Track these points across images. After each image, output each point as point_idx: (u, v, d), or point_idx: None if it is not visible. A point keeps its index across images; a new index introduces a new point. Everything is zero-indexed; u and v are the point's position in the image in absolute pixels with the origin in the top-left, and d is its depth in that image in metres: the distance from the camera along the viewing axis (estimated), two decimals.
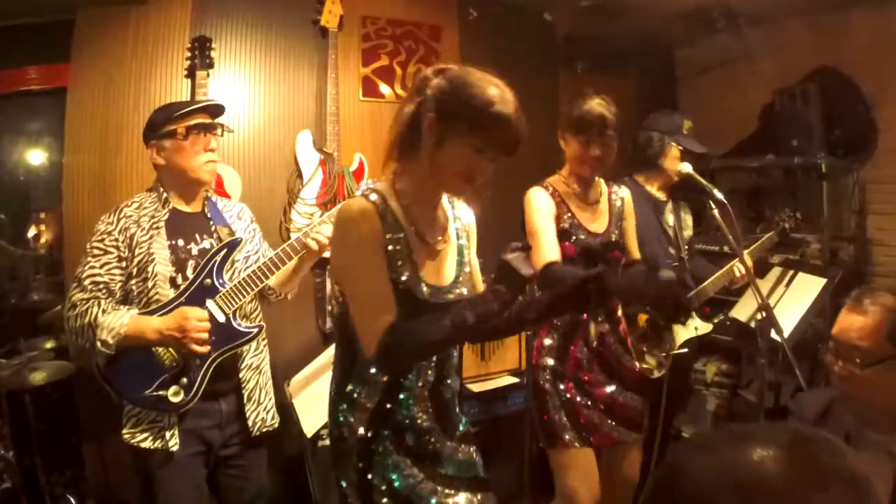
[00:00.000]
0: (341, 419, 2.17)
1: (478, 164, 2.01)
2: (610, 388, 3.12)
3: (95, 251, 2.71)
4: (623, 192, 3.34)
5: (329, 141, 4.27)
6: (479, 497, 2.22)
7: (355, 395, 2.16)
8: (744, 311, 3.88)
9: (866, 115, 4.74)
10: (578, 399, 3.06)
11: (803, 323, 3.68)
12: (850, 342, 2.29)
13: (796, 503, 0.83)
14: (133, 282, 2.72)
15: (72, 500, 3.85)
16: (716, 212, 3.19)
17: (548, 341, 3.12)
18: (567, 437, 3.01)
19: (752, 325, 3.63)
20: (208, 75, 4.00)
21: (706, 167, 4.56)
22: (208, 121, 2.90)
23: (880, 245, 4.82)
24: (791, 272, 3.96)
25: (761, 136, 5.14)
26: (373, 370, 2.13)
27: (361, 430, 2.13)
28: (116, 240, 2.71)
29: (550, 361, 3.09)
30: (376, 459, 2.12)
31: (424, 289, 2.08)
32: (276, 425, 3.03)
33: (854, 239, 4.83)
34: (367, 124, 4.67)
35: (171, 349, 2.70)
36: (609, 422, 3.08)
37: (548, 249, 2.97)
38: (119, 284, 2.71)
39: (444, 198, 2.28)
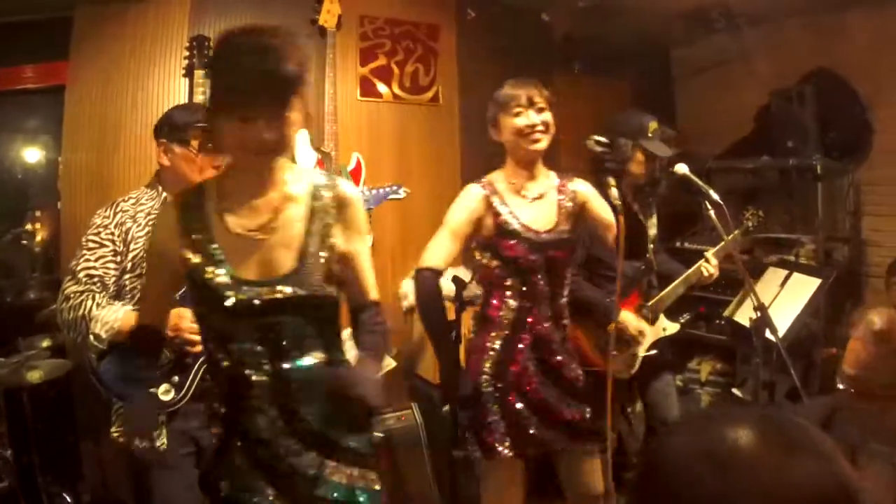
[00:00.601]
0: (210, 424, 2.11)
1: (241, 130, 1.84)
2: (553, 398, 2.93)
3: (91, 244, 2.68)
4: (578, 185, 3.07)
5: (327, 140, 4.28)
6: (365, 475, 2.09)
7: (214, 400, 2.09)
8: (738, 310, 3.90)
9: (861, 117, 4.76)
10: (519, 408, 2.87)
11: (798, 323, 3.70)
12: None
13: (766, 471, 0.89)
14: (127, 277, 2.70)
15: (68, 498, 3.85)
16: (712, 212, 3.19)
17: (490, 345, 2.92)
18: (505, 449, 2.83)
19: (748, 324, 3.65)
20: (205, 74, 4.00)
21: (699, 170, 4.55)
22: None
23: (875, 246, 4.85)
24: (786, 272, 3.99)
25: (757, 137, 5.16)
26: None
27: (215, 440, 2.06)
28: (112, 234, 2.69)
29: (491, 369, 2.89)
30: (227, 473, 2.02)
31: (222, 282, 1.92)
32: None
33: (849, 240, 4.86)
34: (365, 124, 4.69)
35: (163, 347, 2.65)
36: (551, 431, 2.91)
37: (432, 251, 2.89)
38: (113, 279, 2.68)
39: (308, 176, 2.09)
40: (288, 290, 1.94)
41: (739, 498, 0.88)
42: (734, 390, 4.45)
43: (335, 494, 2.01)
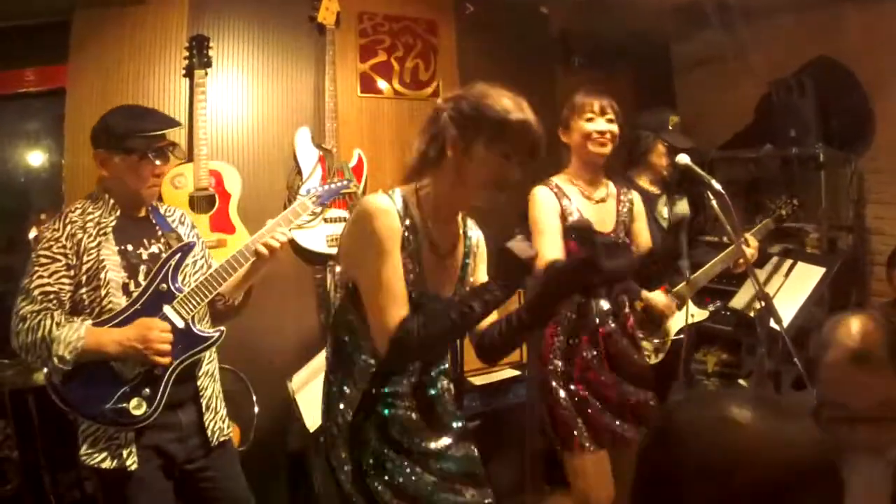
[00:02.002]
0: (332, 407, 2.21)
1: (505, 170, 2.06)
2: (621, 388, 3.10)
3: (42, 260, 2.53)
4: (633, 196, 3.34)
5: (328, 137, 4.28)
6: (478, 493, 2.27)
7: (345, 385, 2.21)
8: (743, 300, 3.89)
9: (863, 106, 4.74)
10: (590, 401, 3.04)
11: (802, 312, 3.69)
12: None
13: (763, 434, 1.05)
14: (83, 290, 2.56)
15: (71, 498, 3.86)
16: (714, 202, 3.19)
17: (555, 342, 3.10)
18: (581, 440, 2.99)
19: (752, 314, 3.65)
20: (206, 74, 4.01)
21: (702, 160, 4.57)
22: (164, 142, 2.75)
23: (878, 234, 4.84)
24: (790, 262, 3.98)
25: (758, 127, 5.14)
26: (363, 360, 2.19)
27: (350, 417, 2.17)
28: (64, 246, 2.55)
29: (559, 363, 3.08)
30: (367, 446, 2.17)
31: (424, 296, 2.15)
32: (230, 435, 2.92)
33: (852, 228, 4.84)
34: (366, 120, 4.68)
35: (130, 361, 2.56)
36: (621, 422, 3.06)
37: (551, 248, 2.97)
38: (69, 294, 2.55)
39: (458, 217, 2.34)
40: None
41: (741, 459, 1.02)
42: (741, 381, 4.45)
43: (448, 464, 2.26)
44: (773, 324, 3.14)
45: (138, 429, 2.58)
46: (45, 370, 2.56)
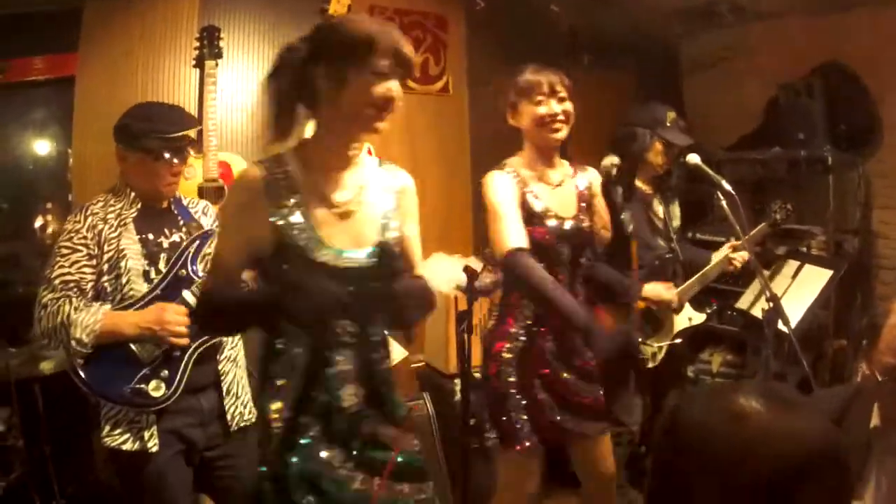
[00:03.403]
0: (263, 406, 2.11)
1: (384, 88, 1.97)
2: (571, 382, 2.94)
3: (64, 250, 2.61)
4: (590, 174, 3.11)
5: None
6: (420, 487, 2.18)
7: (277, 380, 2.09)
8: (749, 301, 3.90)
9: (870, 110, 4.75)
10: (540, 397, 2.89)
11: (808, 314, 3.71)
12: None
13: (773, 425, 1.08)
14: (105, 279, 2.64)
15: (78, 489, 3.87)
16: (724, 202, 3.19)
17: (512, 332, 2.93)
18: (525, 439, 2.84)
19: (760, 315, 3.65)
20: (217, 65, 4.01)
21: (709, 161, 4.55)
22: (182, 141, 2.76)
23: (884, 238, 4.84)
24: (796, 264, 3.99)
25: (766, 129, 5.14)
26: (295, 351, 2.06)
27: (287, 417, 2.06)
28: (85, 237, 2.62)
29: (511, 357, 2.91)
30: (298, 447, 2.04)
31: (324, 252, 2.02)
32: (253, 420, 2.90)
33: (858, 232, 4.84)
34: None
35: (148, 343, 2.61)
36: (570, 417, 2.92)
37: (512, 234, 2.76)
38: (90, 283, 2.62)
39: (370, 163, 2.22)
40: (373, 261, 2.09)
41: (751, 448, 1.06)
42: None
43: (401, 458, 2.13)
44: (780, 325, 3.13)
45: (159, 412, 2.64)
46: (66, 354, 2.60)
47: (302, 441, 2.04)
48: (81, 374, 2.58)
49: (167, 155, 2.69)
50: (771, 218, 3.86)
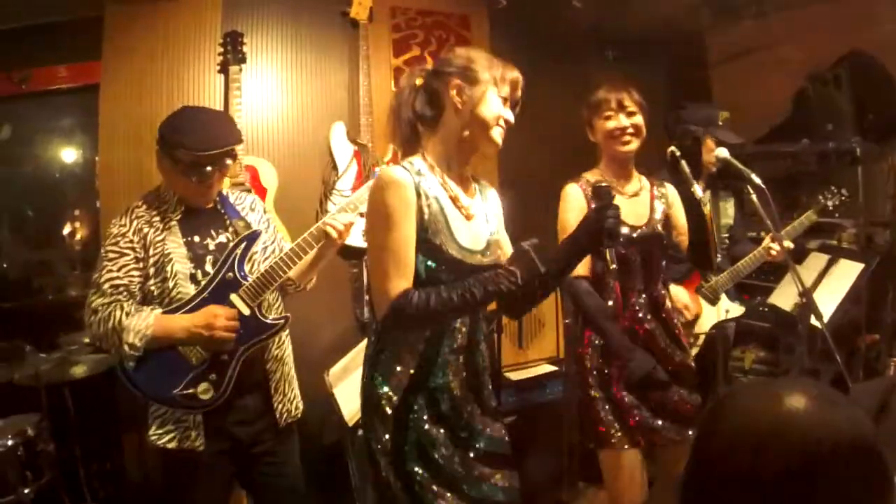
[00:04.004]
0: (377, 387, 2.24)
1: (507, 112, 2.29)
2: (663, 386, 3.03)
3: (111, 254, 2.64)
4: (666, 189, 3.28)
5: (363, 132, 4.27)
6: (509, 475, 2.35)
7: (390, 363, 2.25)
8: (782, 297, 3.85)
9: None
10: (627, 400, 2.99)
11: (840, 309, 3.66)
12: None
13: (815, 420, 1.09)
14: (152, 282, 2.67)
15: (108, 493, 3.89)
16: (754, 196, 3.16)
17: (593, 339, 3.05)
18: (616, 439, 2.96)
19: (793, 311, 3.61)
20: (241, 70, 4.01)
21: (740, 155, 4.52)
22: (218, 157, 2.72)
23: None
24: (828, 257, 3.94)
25: (795, 121, 5.08)
26: (411, 337, 2.25)
27: (396, 398, 2.22)
28: (131, 241, 2.65)
29: (597, 361, 3.03)
30: (411, 428, 2.21)
31: (457, 250, 2.22)
32: (300, 414, 2.99)
33: (889, 224, 4.77)
34: None
35: (197, 347, 2.66)
36: (659, 422, 3.00)
37: None
38: (138, 286, 2.65)
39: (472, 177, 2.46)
40: (490, 257, 2.35)
41: (794, 442, 1.06)
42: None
43: (482, 443, 2.33)
44: (813, 320, 3.09)
45: (206, 412, 2.68)
46: (121, 361, 2.64)
47: (414, 418, 2.22)
48: (131, 375, 2.63)
49: (198, 169, 2.68)
50: (821, 205, 3.84)
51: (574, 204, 3.06)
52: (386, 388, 2.23)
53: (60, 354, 3.65)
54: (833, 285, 3.76)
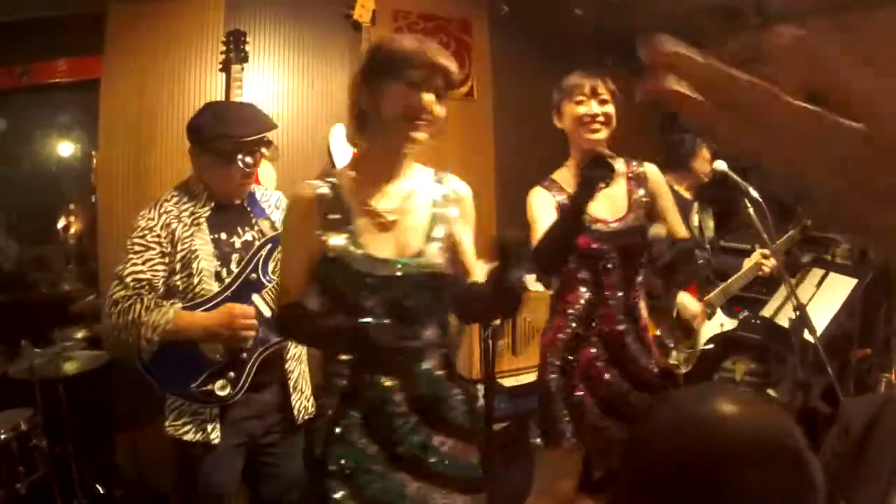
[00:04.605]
0: (316, 399, 2.28)
1: (415, 99, 2.03)
2: (622, 389, 2.94)
3: (137, 247, 2.64)
4: (645, 168, 3.08)
5: None
6: (467, 500, 2.17)
7: (331, 376, 2.17)
8: (775, 310, 3.87)
9: None
10: (585, 401, 2.90)
11: (833, 323, 3.67)
12: None
13: (737, 426, 1.08)
14: (177, 277, 2.67)
15: (100, 489, 3.88)
16: (751, 210, 3.18)
17: (561, 336, 2.95)
18: (568, 441, 2.87)
19: (785, 324, 3.62)
20: (243, 69, 4.02)
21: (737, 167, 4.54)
22: (256, 145, 2.77)
23: None
24: (821, 272, 3.96)
25: None
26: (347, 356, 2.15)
27: (330, 412, 2.13)
28: (158, 235, 2.65)
29: (559, 360, 2.94)
30: (340, 445, 2.10)
31: (364, 262, 2.08)
32: (314, 411, 2.95)
33: None
34: None
35: (216, 344, 2.67)
36: (616, 424, 2.91)
37: None
38: (162, 280, 2.66)
39: (427, 174, 2.30)
40: (417, 268, 2.14)
41: (718, 450, 1.05)
42: (770, 391, 4.43)
43: (442, 465, 2.14)
44: (806, 334, 3.11)
45: (223, 406, 2.70)
46: (139, 351, 2.66)
47: (344, 434, 2.10)
48: (149, 367, 2.65)
49: (239, 158, 2.69)
50: (801, 223, 3.83)
51: (540, 202, 2.92)
52: (322, 400, 2.20)
53: (54, 350, 3.65)
54: (826, 299, 3.78)
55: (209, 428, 2.68)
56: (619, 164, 3.02)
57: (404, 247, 2.15)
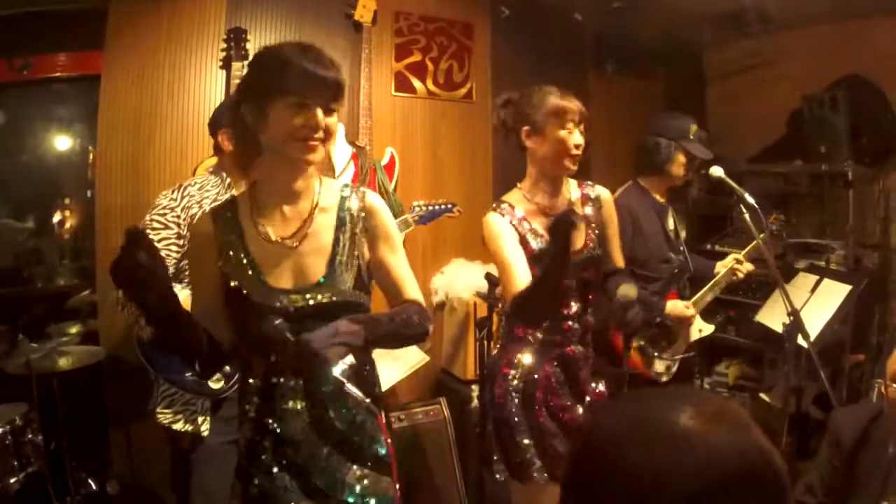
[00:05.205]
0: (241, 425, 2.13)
1: (303, 118, 1.89)
2: (578, 414, 2.81)
3: (156, 225, 2.68)
4: (599, 192, 2.95)
5: (361, 135, 4.27)
6: None
7: (244, 403, 2.09)
8: (769, 315, 3.88)
9: (893, 123, 4.72)
10: (548, 427, 2.74)
11: (827, 329, 3.69)
12: None
13: (691, 441, 0.93)
14: (188, 261, 2.69)
15: (92, 484, 3.88)
16: (746, 215, 3.19)
17: (519, 359, 2.80)
18: (537, 471, 2.68)
19: (777, 329, 3.63)
20: (244, 66, 4.02)
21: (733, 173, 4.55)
22: None
23: None
24: (816, 278, 3.98)
25: (789, 141, 5.12)
26: (250, 381, 2.06)
27: (247, 440, 2.07)
28: (178, 216, 2.69)
29: (519, 383, 2.78)
30: (241, 463, 2.08)
31: (256, 290, 1.97)
32: None
33: (878, 246, 4.82)
34: (399, 119, 4.70)
35: None
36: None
37: (521, 279, 2.59)
38: (174, 261, 2.69)
39: (329, 188, 2.13)
40: (319, 297, 1.99)
41: (668, 470, 0.91)
42: (762, 395, 4.44)
43: (352, 498, 2.01)
44: (800, 339, 3.12)
45: (216, 402, 2.74)
46: (141, 335, 2.72)
47: (259, 464, 2.02)
48: (147, 350, 2.69)
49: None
50: (768, 229, 3.81)
51: (502, 230, 2.73)
52: (238, 430, 2.11)
53: (49, 345, 3.64)
54: (820, 305, 3.79)
55: (200, 420, 2.71)
56: (572, 187, 2.94)
57: (306, 274, 2.02)
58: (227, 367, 2.69)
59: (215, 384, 2.67)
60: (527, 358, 2.79)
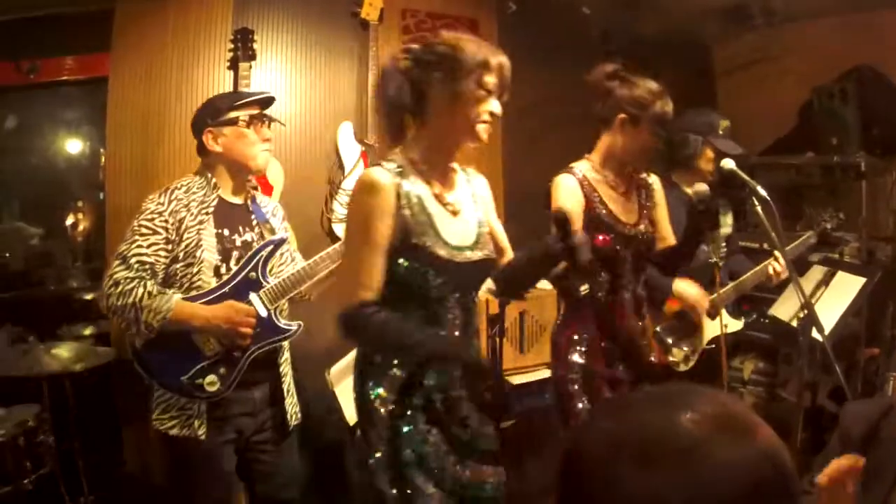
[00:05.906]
0: (370, 392, 2.25)
1: (492, 105, 2.20)
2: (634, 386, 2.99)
3: (144, 230, 2.65)
4: (652, 180, 3.20)
5: (370, 133, 4.28)
6: (498, 471, 2.33)
7: (382, 366, 2.26)
8: (784, 309, 3.85)
9: None
10: (608, 396, 2.93)
11: (841, 322, 3.65)
12: None
13: (691, 457, 0.85)
14: (179, 265, 2.69)
15: (105, 484, 3.89)
16: (759, 208, 3.16)
17: (576, 336, 2.96)
18: None
19: (794, 323, 3.60)
20: (251, 67, 4.02)
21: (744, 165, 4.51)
22: (265, 112, 2.91)
23: None
24: (830, 271, 3.94)
25: (800, 133, 5.10)
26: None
27: (391, 400, 2.22)
28: (166, 221, 2.66)
29: (580, 359, 2.94)
30: (406, 433, 2.20)
31: (445, 249, 2.20)
32: (300, 420, 3.06)
33: (892, 239, 4.78)
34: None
35: (212, 338, 2.70)
36: None
37: None
38: (163, 266, 2.67)
39: (457, 167, 2.42)
40: (479, 254, 2.31)
41: (665, 489, 0.83)
42: (779, 391, 4.41)
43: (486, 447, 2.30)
44: (815, 333, 3.09)
45: (212, 402, 2.71)
46: (134, 340, 2.69)
47: (409, 420, 2.21)
48: (141, 356, 2.67)
49: (256, 120, 2.84)
50: (821, 227, 3.80)
51: (568, 193, 2.90)
52: (380, 390, 2.23)
53: (61, 346, 3.65)
54: (834, 299, 3.75)
55: (196, 424, 2.69)
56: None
57: (465, 235, 2.30)
58: (223, 370, 2.69)
59: (211, 386, 2.65)
60: (585, 334, 2.96)
